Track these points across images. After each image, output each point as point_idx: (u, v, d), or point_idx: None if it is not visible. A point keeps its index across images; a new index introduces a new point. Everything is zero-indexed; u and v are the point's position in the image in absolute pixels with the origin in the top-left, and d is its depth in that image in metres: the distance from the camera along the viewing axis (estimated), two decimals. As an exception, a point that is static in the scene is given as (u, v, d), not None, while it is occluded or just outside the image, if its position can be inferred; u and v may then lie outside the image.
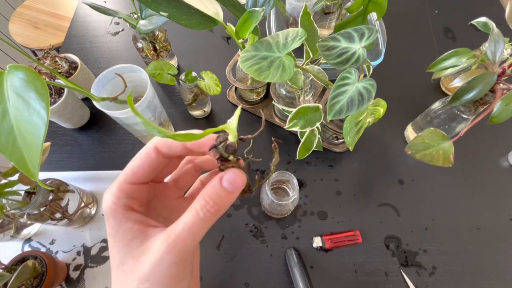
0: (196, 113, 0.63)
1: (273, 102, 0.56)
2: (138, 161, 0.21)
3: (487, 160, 0.60)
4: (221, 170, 0.19)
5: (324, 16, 0.67)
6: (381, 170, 0.59)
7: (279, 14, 0.70)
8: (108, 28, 0.78)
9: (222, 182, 0.19)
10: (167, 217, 0.23)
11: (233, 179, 0.19)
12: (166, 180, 0.24)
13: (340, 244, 0.52)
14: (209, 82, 0.53)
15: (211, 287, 0.50)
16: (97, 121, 0.65)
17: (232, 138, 0.17)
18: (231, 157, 0.18)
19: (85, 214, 0.53)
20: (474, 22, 0.48)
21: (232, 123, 0.17)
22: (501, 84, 0.41)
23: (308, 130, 0.45)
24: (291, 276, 0.49)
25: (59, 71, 0.60)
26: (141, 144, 0.62)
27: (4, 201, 0.41)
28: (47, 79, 0.56)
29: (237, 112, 0.17)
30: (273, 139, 0.23)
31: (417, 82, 0.68)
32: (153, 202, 0.22)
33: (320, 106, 0.45)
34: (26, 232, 0.53)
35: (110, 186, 0.20)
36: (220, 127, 0.17)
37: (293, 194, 0.46)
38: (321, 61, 0.51)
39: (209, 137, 0.19)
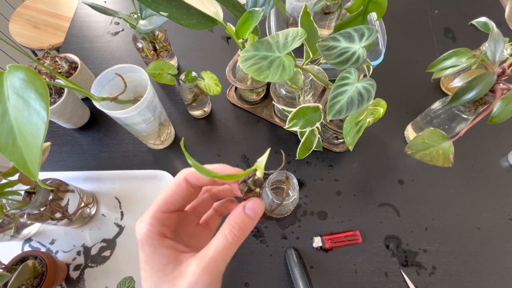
0: (196, 113, 0.63)
1: (273, 102, 0.56)
2: (170, 191, 0.23)
3: (487, 160, 0.60)
4: (243, 199, 0.22)
5: (324, 16, 0.67)
6: (381, 170, 0.59)
7: (279, 14, 0.70)
8: (108, 28, 0.78)
9: (246, 210, 0.21)
10: (188, 243, 0.24)
11: (254, 207, 0.21)
12: (186, 208, 0.26)
13: (340, 244, 0.52)
14: (209, 82, 0.53)
15: (211, 287, 0.50)
16: (97, 121, 0.65)
17: (260, 174, 0.21)
18: (257, 189, 0.21)
19: (85, 214, 0.53)
20: (474, 22, 0.48)
21: (261, 163, 0.21)
22: (501, 84, 0.41)
23: (308, 130, 0.45)
24: (291, 276, 0.49)
25: (59, 71, 0.60)
26: (141, 144, 0.62)
27: (4, 201, 0.41)
28: (47, 79, 0.56)
29: (267, 153, 0.21)
30: (285, 173, 0.25)
31: (417, 82, 0.68)
32: (177, 229, 0.24)
33: (320, 106, 0.45)
34: (26, 232, 0.53)
35: (143, 215, 0.23)
36: (253, 167, 0.21)
37: (293, 194, 0.46)
38: (321, 61, 0.51)
39: (234, 170, 0.23)
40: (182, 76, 0.53)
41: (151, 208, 0.23)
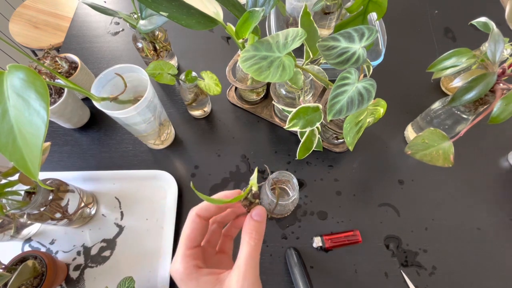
0: (196, 113, 0.63)
1: (273, 102, 0.56)
2: (189, 230, 0.26)
3: (487, 160, 0.60)
4: (248, 211, 0.27)
5: (324, 16, 0.67)
6: (381, 170, 0.59)
7: (279, 14, 0.70)
8: (108, 28, 0.78)
9: (253, 217, 0.26)
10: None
11: (259, 212, 0.26)
12: (202, 244, 0.29)
13: (340, 244, 0.52)
14: (209, 82, 0.53)
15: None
16: (97, 121, 0.65)
17: (255, 188, 0.27)
18: (256, 201, 0.27)
19: (85, 214, 0.53)
20: (474, 22, 0.48)
21: (254, 180, 0.27)
22: (501, 84, 0.41)
23: (308, 130, 0.45)
24: (291, 276, 0.49)
25: (59, 71, 0.60)
26: (141, 144, 0.62)
27: (4, 201, 0.41)
28: (47, 79, 0.56)
29: (255, 172, 0.26)
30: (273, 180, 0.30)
31: (417, 82, 0.68)
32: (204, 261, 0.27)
33: (320, 106, 0.45)
34: (26, 232, 0.53)
35: (174, 258, 0.26)
36: (249, 186, 0.27)
37: (293, 194, 0.46)
38: (321, 61, 0.51)
39: (234, 193, 0.28)
40: (182, 76, 0.53)
41: (178, 250, 0.26)
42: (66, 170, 0.58)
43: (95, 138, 0.63)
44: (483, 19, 0.47)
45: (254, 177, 0.27)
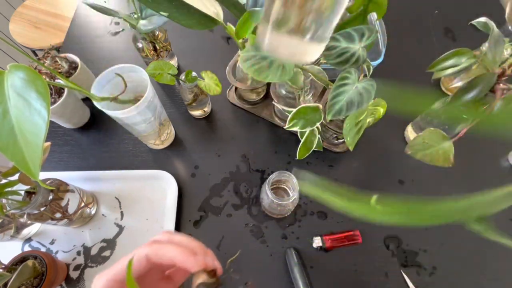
0: (196, 113, 0.63)
1: (273, 102, 0.56)
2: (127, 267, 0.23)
3: (487, 160, 0.60)
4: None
5: (324, 16, 0.67)
6: (381, 170, 0.59)
7: (279, 14, 0.70)
8: (108, 28, 0.78)
9: None
10: None
11: None
12: None
13: (340, 244, 0.52)
14: (209, 82, 0.53)
15: (211, 287, 0.50)
16: (97, 121, 0.65)
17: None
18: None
19: (85, 214, 0.53)
20: (474, 22, 0.48)
21: None
22: (501, 84, 0.41)
23: (308, 130, 0.46)
24: (291, 276, 0.49)
25: (59, 71, 0.60)
26: (141, 144, 0.62)
27: (4, 201, 0.41)
28: (47, 79, 0.56)
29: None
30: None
31: (417, 82, 0.68)
32: (139, 283, 0.25)
33: (320, 106, 0.45)
34: (26, 232, 0.53)
35: (101, 274, 0.24)
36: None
37: (293, 194, 0.46)
38: (321, 61, 0.51)
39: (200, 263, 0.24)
40: (182, 76, 0.53)
41: (110, 272, 0.23)
42: (66, 170, 0.58)
43: (95, 138, 0.63)
44: (483, 19, 0.47)
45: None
